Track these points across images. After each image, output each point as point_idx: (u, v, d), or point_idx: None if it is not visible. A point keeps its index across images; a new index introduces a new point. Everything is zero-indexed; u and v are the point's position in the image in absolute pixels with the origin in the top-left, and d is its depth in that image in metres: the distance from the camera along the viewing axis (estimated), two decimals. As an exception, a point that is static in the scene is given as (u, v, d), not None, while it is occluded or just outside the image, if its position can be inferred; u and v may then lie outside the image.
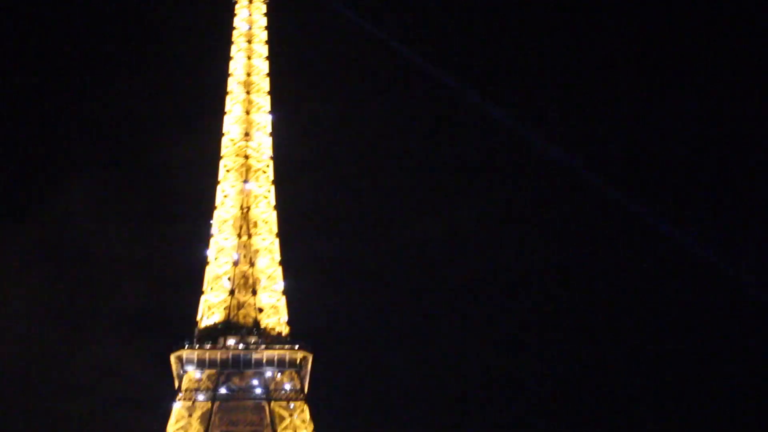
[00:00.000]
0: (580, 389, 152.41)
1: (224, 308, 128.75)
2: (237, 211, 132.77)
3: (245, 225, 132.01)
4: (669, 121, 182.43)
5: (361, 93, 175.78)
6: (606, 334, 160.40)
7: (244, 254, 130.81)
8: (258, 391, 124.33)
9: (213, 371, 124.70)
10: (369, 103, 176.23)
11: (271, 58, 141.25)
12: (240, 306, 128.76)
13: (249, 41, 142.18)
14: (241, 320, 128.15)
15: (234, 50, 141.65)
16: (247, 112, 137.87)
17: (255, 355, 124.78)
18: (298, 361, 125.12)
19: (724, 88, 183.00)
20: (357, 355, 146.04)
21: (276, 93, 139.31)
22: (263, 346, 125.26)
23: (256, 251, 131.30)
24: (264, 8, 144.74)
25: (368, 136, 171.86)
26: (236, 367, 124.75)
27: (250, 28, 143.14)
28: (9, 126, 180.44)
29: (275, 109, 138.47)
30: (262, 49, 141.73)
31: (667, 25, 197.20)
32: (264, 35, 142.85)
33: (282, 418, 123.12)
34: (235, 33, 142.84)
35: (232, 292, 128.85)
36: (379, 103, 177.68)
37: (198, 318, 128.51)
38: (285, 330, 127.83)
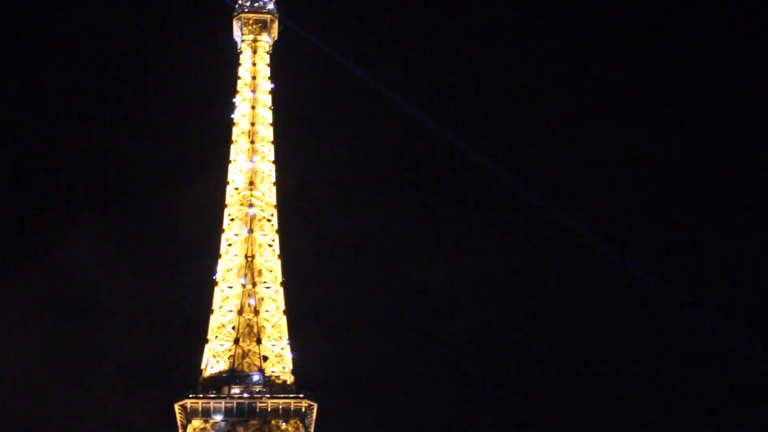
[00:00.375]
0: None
1: (229, 357, 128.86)
2: (241, 260, 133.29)
3: (250, 273, 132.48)
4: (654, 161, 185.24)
5: (365, 140, 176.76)
6: (609, 381, 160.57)
7: (248, 303, 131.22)
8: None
9: (217, 420, 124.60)
10: (373, 150, 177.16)
11: (275, 107, 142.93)
12: (244, 355, 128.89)
13: (253, 90, 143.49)
14: (246, 369, 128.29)
15: (238, 99, 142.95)
16: (252, 161, 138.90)
17: (260, 405, 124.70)
18: (303, 410, 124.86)
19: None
20: (362, 404, 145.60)
21: (280, 142, 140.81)
22: (268, 395, 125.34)
23: (261, 300, 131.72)
24: (267, 58, 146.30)
25: (373, 184, 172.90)
26: (241, 416, 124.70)
27: (253, 78, 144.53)
28: (11, 174, 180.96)
29: (279, 158, 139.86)
30: (266, 99, 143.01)
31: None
32: (268, 85, 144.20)
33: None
34: (239, 82, 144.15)
35: (236, 341, 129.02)
36: (384, 150, 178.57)
37: (202, 367, 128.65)
38: (290, 379, 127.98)
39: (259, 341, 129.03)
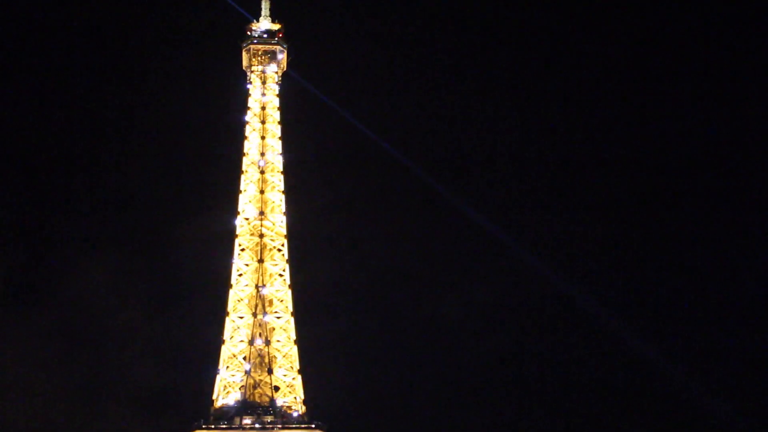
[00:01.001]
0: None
1: (240, 387, 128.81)
2: (252, 290, 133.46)
3: (260, 303, 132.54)
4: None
5: (375, 170, 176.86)
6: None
7: (259, 333, 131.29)
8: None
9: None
10: (383, 180, 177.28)
11: (285, 137, 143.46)
12: (256, 385, 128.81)
13: (263, 121, 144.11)
14: (257, 399, 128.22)
15: (248, 130, 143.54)
16: (262, 192, 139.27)
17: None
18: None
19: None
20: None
21: (290, 171, 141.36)
22: (279, 426, 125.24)
23: (272, 330, 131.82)
24: (277, 88, 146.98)
25: (383, 214, 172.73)
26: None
27: (263, 108, 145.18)
28: (23, 206, 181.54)
29: (289, 188, 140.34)
30: (275, 129, 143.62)
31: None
32: (277, 115, 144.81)
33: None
34: (248, 113, 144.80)
35: (248, 372, 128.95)
36: (393, 180, 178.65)
37: (213, 397, 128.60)
38: (301, 409, 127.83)
39: (270, 371, 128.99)
